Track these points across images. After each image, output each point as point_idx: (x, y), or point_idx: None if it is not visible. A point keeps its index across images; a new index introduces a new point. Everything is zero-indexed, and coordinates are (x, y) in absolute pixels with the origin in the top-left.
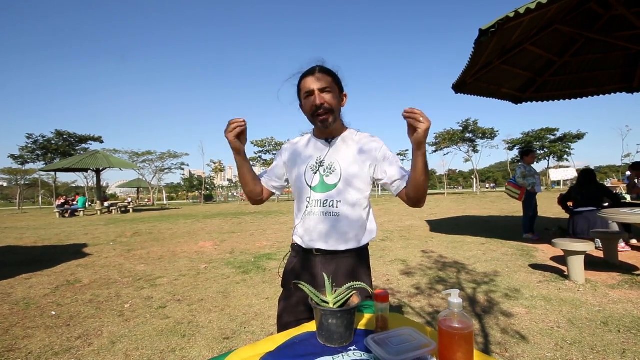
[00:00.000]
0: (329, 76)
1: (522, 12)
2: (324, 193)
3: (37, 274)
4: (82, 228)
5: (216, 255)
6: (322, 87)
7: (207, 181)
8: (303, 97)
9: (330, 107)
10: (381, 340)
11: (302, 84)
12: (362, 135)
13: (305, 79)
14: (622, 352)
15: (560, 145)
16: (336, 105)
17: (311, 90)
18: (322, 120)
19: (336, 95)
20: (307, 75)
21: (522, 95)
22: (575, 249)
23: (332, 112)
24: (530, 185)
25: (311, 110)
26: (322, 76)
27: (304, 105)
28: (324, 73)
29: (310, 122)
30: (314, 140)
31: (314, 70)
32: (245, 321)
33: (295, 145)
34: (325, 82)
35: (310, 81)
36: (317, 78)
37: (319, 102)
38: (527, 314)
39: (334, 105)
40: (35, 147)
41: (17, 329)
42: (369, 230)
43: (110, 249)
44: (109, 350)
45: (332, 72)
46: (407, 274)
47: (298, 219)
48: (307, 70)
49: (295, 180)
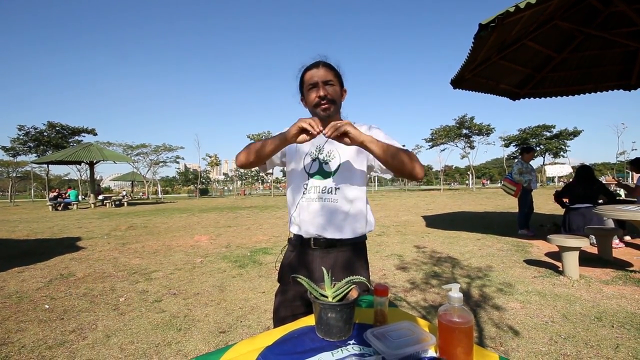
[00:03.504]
0: (332, 70)
1: (523, 7)
2: (323, 180)
3: (29, 268)
4: (76, 221)
5: (212, 249)
6: (325, 80)
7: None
8: (306, 89)
9: (332, 98)
10: (380, 334)
11: (305, 76)
12: (360, 125)
13: (308, 71)
14: (616, 347)
15: (556, 142)
16: (338, 97)
17: (315, 82)
18: (324, 109)
19: (338, 89)
20: (311, 68)
21: (520, 92)
22: (570, 245)
23: (334, 103)
24: (526, 182)
25: (314, 102)
26: (325, 70)
27: (307, 97)
28: (327, 67)
29: (311, 114)
30: None
31: (318, 64)
32: (241, 315)
33: None
34: (328, 76)
35: (314, 74)
36: (321, 71)
37: (322, 92)
38: (522, 308)
39: (336, 97)
40: (27, 138)
41: (10, 322)
42: (367, 221)
43: (105, 242)
44: (104, 344)
45: (334, 67)
46: (403, 268)
47: (294, 208)
48: (311, 64)
49: (293, 167)
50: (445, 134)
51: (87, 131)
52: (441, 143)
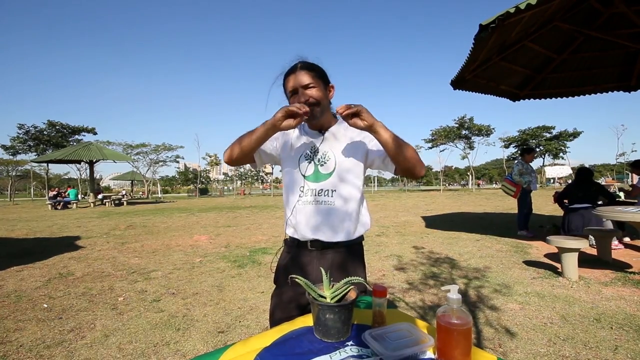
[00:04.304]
0: (311, 71)
1: (523, 8)
2: (318, 183)
3: (28, 267)
4: (75, 220)
5: (211, 249)
6: (305, 84)
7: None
8: (289, 96)
9: (315, 100)
10: (379, 335)
11: (285, 83)
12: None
13: (287, 78)
14: (615, 348)
15: (556, 143)
16: (322, 98)
17: (294, 88)
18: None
19: (321, 88)
20: (289, 74)
21: (520, 93)
22: (569, 246)
23: (318, 104)
24: (526, 183)
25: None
26: (304, 73)
27: (291, 103)
28: (306, 69)
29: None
30: (307, 131)
31: (295, 68)
32: (240, 315)
33: (288, 135)
34: (307, 78)
35: (293, 80)
36: (299, 76)
37: (303, 99)
38: (521, 309)
39: (319, 99)
40: (26, 137)
41: (8, 321)
42: (363, 222)
43: (104, 241)
44: (102, 344)
45: (314, 66)
46: (402, 269)
47: (289, 211)
48: (289, 68)
49: (288, 168)
50: (445, 135)
51: (87, 130)
52: (441, 143)
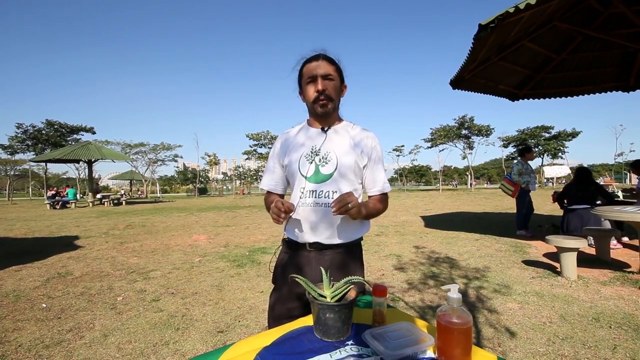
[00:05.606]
0: (332, 64)
1: (522, 8)
2: (319, 183)
3: (27, 266)
4: (74, 220)
5: (210, 249)
6: (325, 74)
7: (201, 174)
8: (305, 82)
9: (330, 95)
10: (379, 334)
11: (304, 69)
12: (358, 128)
13: (308, 64)
14: (613, 347)
15: (555, 143)
16: (336, 94)
17: (314, 75)
18: (322, 104)
19: (337, 84)
20: (310, 60)
21: (519, 93)
22: (568, 246)
23: (332, 100)
24: (525, 183)
25: (313, 97)
26: (325, 64)
27: (305, 90)
28: (328, 61)
29: (308, 108)
30: (308, 128)
31: (319, 57)
32: (239, 314)
33: (287, 135)
34: (329, 69)
35: (314, 67)
36: (321, 65)
37: (321, 87)
38: (520, 309)
39: (334, 94)
40: (25, 137)
41: (7, 321)
42: (363, 223)
43: (103, 241)
44: (101, 343)
45: (335, 62)
46: (401, 269)
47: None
48: (311, 56)
49: (289, 168)
50: (445, 134)
51: (86, 129)
52: (440, 143)
